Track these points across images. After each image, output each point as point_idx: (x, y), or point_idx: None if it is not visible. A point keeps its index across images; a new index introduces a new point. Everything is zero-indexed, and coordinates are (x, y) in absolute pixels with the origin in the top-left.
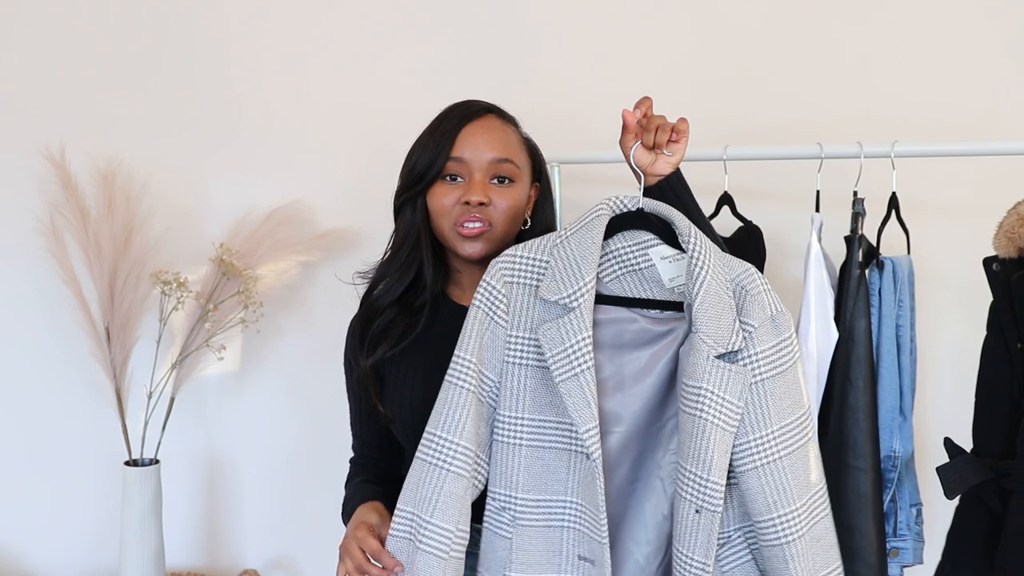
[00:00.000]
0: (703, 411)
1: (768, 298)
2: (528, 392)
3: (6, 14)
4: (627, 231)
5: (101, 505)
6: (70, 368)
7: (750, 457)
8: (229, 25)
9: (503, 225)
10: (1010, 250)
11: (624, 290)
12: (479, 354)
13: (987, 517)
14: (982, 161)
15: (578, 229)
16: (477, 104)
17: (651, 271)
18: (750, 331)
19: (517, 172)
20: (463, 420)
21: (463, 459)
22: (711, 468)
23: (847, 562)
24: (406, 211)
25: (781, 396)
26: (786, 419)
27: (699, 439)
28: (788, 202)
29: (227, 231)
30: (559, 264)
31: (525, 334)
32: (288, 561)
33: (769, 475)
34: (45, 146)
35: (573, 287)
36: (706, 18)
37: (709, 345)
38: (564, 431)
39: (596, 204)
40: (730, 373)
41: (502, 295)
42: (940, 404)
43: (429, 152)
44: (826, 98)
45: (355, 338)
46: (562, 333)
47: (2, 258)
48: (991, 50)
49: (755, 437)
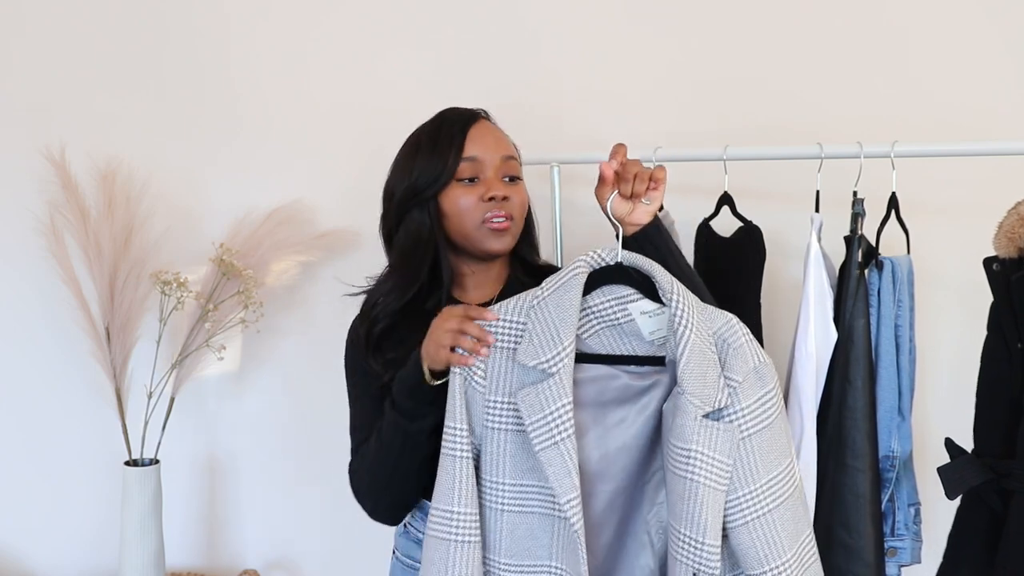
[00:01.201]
0: (694, 473)
1: (750, 349)
2: (508, 457)
3: (6, 14)
4: (606, 286)
5: (101, 505)
6: (70, 368)
7: (740, 513)
8: (229, 25)
9: (520, 220)
10: (1010, 250)
11: (604, 346)
12: (468, 420)
13: (988, 517)
14: (982, 161)
15: (556, 289)
16: (469, 109)
17: (631, 325)
18: (735, 386)
19: (519, 169)
20: (471, 489)
21: (480, 529)
22: (706, 531)
23: (846, 562)
24: (413, 216)
25: (768, 449)
26: (773, 471)
27: (691, 502)
28: (788, 202)
29: (227, 231)
30: (537, 327)
31: (503, 398)
32: (288, 561)
33: (760, 529)
34: (45, 146)
35: (552, 351)
36: (706, 18)
37: (696, 405)
38: (546, 496)
39: (574, 261)
40: (718, 432)
41: (479, 360)
42: (939, 404)
43: (437, 157)
44: (826, 98)
45: (361, 342)
46: (541, 400)
47: (2, 258)
48: (991, 50)
49: (744, 493)
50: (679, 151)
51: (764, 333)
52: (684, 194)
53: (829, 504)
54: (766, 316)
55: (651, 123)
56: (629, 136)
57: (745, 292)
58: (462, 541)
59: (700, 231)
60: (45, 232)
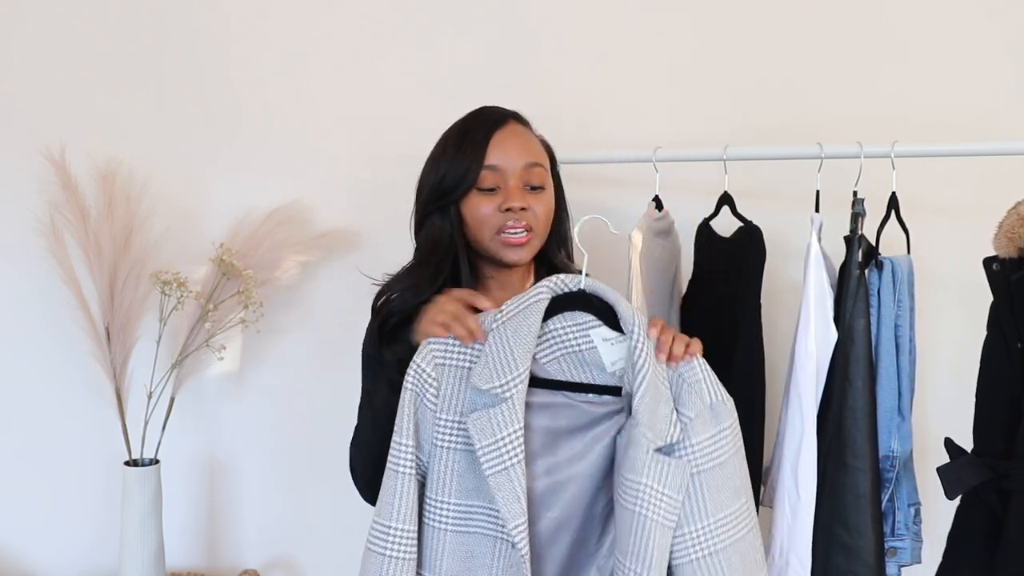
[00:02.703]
0: (642, 506)
1: (708, 386)
2: (456, 477)
3: (6, 14)
4: (567, 312)
5: (101, 505)
6: (70, 368)
7: (686, 550)
8: (229, 25)
9: (543, 231)
10: (1010, 250)
11: (562, 372)
12: (415, 437)
13: (987, 517)
14: (982, 161)
15: (515, 314)
16: (500, 111)
17: (591, 354)
18: (686, 422)
19: (545, 176)
20: (411, 507)
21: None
22: (651, 566)
23: (846, 562)
24: (434, 220)
25: (719, 488)
26: (724, 510)
27: (638, 536)
28: (788, 202)
29: (227, 231)
30: (493, 351)
31: (453, 417)
32: (288, 561)
33: (706, 569)
34: (45, 146)
35: (506, 377)
36: (706, 18)
37: (649, 439)
38: (491, 517)
39: (536, 287)
40: (669, 467)
41: (432, 378)
42: (939, 404)
43: (460, 163)
44: (826, 98)
45: (374, 334)
46: (493, 424)
47: (2, 258)
48: (991, 50)
49: (692, 530)
50: (679, 151)
51: (764, 333)
52: (684, 194)
53: (829, 504)
54: (766, 316)
55: (651, 123)
56: (629, 136)
57: (745, 292)
58: (396, 557)
59: (700, 231)
60: (45, 232)
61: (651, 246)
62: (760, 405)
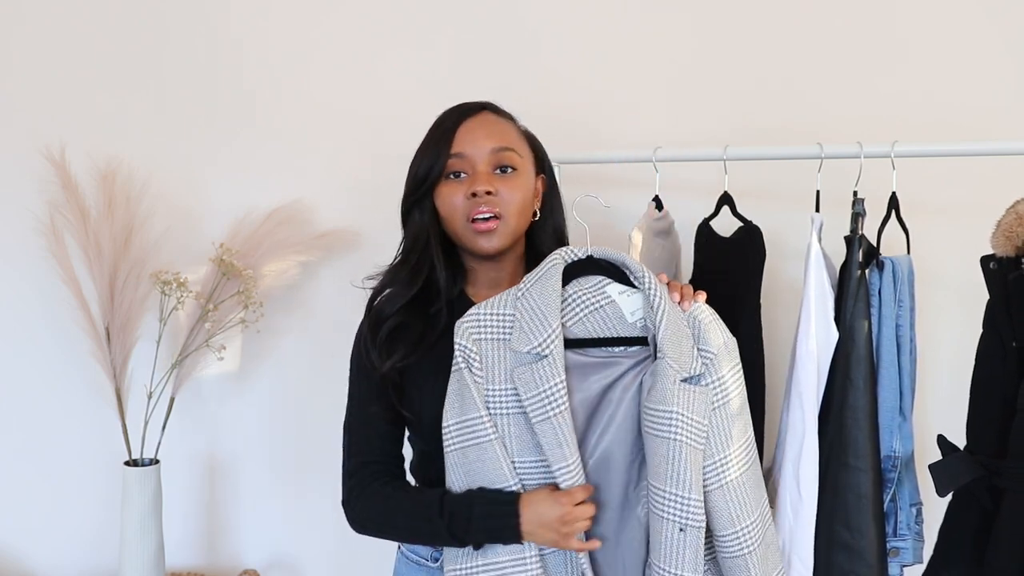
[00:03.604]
0: (676, 434)
1: (718, 326)
2: (514, 438)
3: (6, 14)
4: (579, 277)
5: (101, 505)
6: (70, 368)
7: (716, 476)
8: (229, 25)
9: (514, 217)
10: (1007, 249)
11: (588, 331)
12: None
13: (978, 515)
14: (982, 161)
15: (536, 281)
16: (472, 103)
17: (612, 307)
18: (710, 358)
19: (519, 160)
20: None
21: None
22: (690, 487)
23: (848, 562)
24: (414, 215)
25: (737, 416)
26: (743, 437)
27: (675, 461)
28: (788, 202)
29: (227, 231)
30: (525, 315)
31: (502, 386)
32: (288, 561)
33: (733, 492)
34: (45, 146)
35: (542, 335)
36: (706, 18)
37: (675, 369)
38: (546, 471)
39: (548, 257)
40: (695, 395)
41: (474, 352)
42: (940, 404)
43: (430, 154)
44: (826, 98)
45: (367, 344)
46: (536, 378)
47: (2, 258)
48: (991, 50)
49: (720, 457)
50: (679, 151)
51: (764, 333)
52: (684, 194)
53: (831, 504)
54: (766, 316)
55: (651, 123)
56: (629, 136)
57: (745, 292)
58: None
59: (700, 231)
60: (45, 232)
61: (651, 246)
62: (760, 405)
